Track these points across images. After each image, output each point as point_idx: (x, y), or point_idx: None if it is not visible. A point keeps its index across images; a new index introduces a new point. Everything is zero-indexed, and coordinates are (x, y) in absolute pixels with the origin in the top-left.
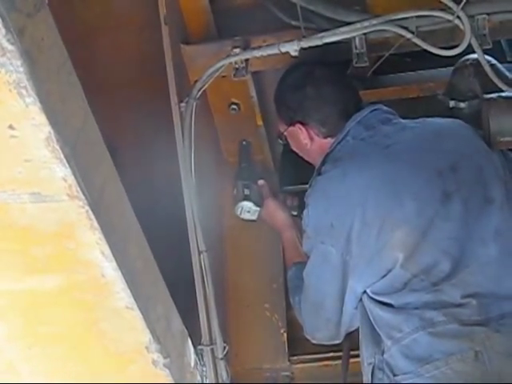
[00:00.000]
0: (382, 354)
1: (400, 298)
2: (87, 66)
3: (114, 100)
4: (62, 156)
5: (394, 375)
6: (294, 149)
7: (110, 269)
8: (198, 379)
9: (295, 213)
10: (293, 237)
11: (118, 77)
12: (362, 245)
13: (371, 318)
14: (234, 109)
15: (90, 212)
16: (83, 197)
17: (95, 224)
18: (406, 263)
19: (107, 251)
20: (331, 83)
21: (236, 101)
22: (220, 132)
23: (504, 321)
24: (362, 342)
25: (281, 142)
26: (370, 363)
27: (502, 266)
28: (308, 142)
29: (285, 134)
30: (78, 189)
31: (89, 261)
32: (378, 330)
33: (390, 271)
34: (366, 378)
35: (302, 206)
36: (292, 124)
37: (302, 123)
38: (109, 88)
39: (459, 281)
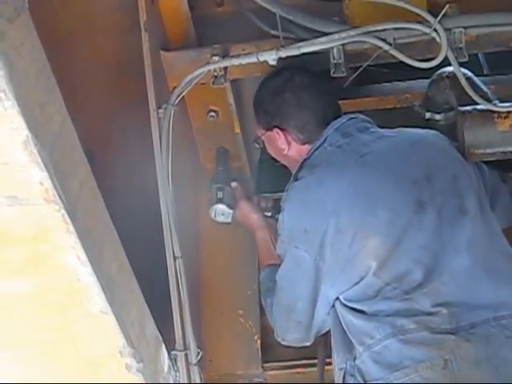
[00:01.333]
0: (354, 360)
1: (372, 305)
2: (66, 69)
3: (91, 104)
4: (39, 160)
5: (365, 381)
6: (271, 153)
7: (85, 273)
8: None
9: (269, 214)
10: (266, 237)
11: (96, 81)
12: (336, 252)
13: (343, 325)
14: (212, 116)
15: (66, 216)
16: (59, 201)
17: (71, 228)
18: (379, 271)
19: (83, 255)
20: (311, 90)
21: (214, 108)
22: (198, 139)
23: (474, 330)
24: (333, 347)
25: (257, 145)
26: (342, 369)
27: (474, 276)
28: (286, 147)
29: (262, 138)
30: (55, 193)
31: (64, 265)
32: (350, 336)
33: (362, 279)
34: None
35: (275, 208)
36: (270, 129)
37: (280, 128)
38: (87, 92)
39: (431, 290)
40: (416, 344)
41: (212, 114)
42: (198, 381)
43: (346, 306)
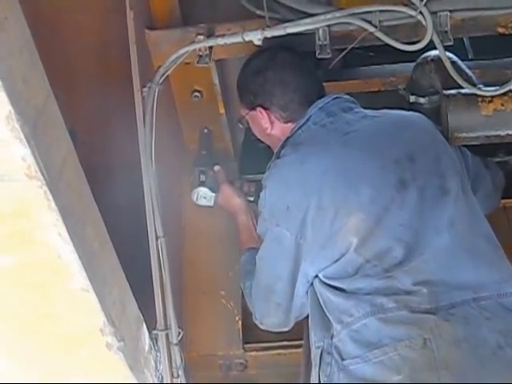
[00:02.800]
0: (331, 338)
1: (352, 282)
2: (49, 47)
3: (75, 83)
4: (21, 135)
5: (342, 359)
6: (255, 133)
7: (66, 250)
8: (152, 364)
9: (251, 198)
10: (247, 221)
11: (80, 60)
12: (317, 229)
13: (321, 302)
14: (196, 96)
15: (48, 193)
16: (42, 177)
17: (53, 205)
18: (360, 248)
19: (64, 233)
20: (293, 68)
21: (199, 88)
22: (182, 119)
23: (453, 310)
24: (311, 326)
25: (241, 126)
26: (319, 347)
27: (454, 256)
28: (269, 126)
29: (246, 118)
30: (37, 169)
31: (45, 242)
32: (327, 314)
33: (343, 255)
34: (314, 361)
35: (258, 192)
36: (253, 108)
37: (263, 107)
38: (70, 71)
39: (411, 268)
40: (395, 323)
41: (196, 94)
42: (178, 361)
43: (325, 283)
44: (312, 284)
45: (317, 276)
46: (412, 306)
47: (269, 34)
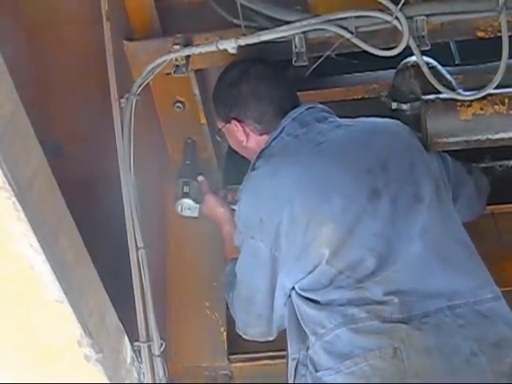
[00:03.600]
0: (307, 350)
1: (326, 294)
2: (30, 59)
3: (58, 96)
4: None
5: (316, 371)
6: (232, 145)
7: (38, 261)
8: (135, 376)
9: (235, 207)
10: (232, 231)
11: (62, 72)
12: (291, 240)
13: (298, 315)
14: (178, 107)
15: (17, 203)
16: (9, 188)
17: (22, 216)
18: (332, 259)
19: (35, 243)
20: (267, 81)
21: (181, 99)
22: (165, 130)
23: (427, 319)
24: (288, 338)
25: (219, 138)
26: (294, 358)
27: (427, 265)
28: (244, 138)
29: (222, 130)
30: (5, 180)
31: (17, 253)
32: (303, 326)
33: (316, 267)
34: (290, 373)
35: None
36: (228, 121)
37: (237, 120)
38: (53, 83)
39: (383, 278)
40: (366, 333)
41: (178, 104)
42: (161, 373)
43: (300, 295)
44: (289, 296)
45: (293, 288)
46: (383, 315)
47: (243, 42)
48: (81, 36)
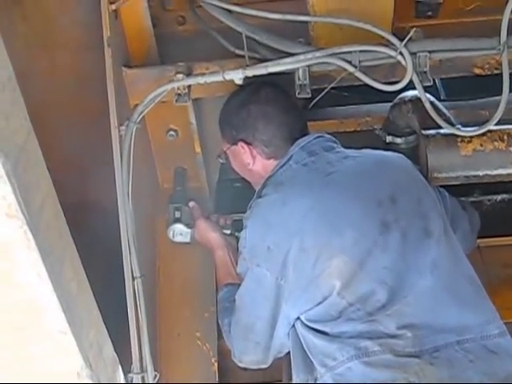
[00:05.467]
0: (315, 381)
1: (335, 326)
2: (24, 84)
3: (49, 121)
4: (2, 173)
5: None
6: (235, 168)
7: (45, 291)
8: None
9: (228, 232)
10: (225, 256)
11: (54, 97)
12: (299, 271)
13: (304, 345)
14: (171, 135)
15: (28, 232)
16: (22, 216)
17: (32, 244)
18: (343, 291)
19: (43, 273)
20: (277, 104)
21: (174, 127)
22: (156, 158)
23: (437, 354)
24: (293, 368)
25: (221, 160)
26: None
27: (437, 299)
28: (250, 161)
29: (226, 152)
30: (18, 208)
31: (24, 282)
32: (310, 357)
33: (326, 299)
34: None
35: (234, 225)
36: (235, 142)
37: (245, 142)
38: (45, 108)
39: (395, 312)
40: (380, 366)
41: (171, 133)
42: None
43: (307, 326)
44: (294, 326)
45: (298, 318)
46: (396, 349)
47: (250, 72)
48: (75, 62)
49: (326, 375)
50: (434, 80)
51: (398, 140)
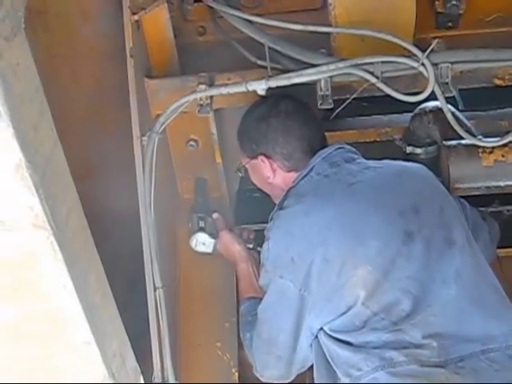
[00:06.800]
0: None
1: (360, 336)
2: (47, 95)
3: (71, 131)
4: (30, 184)
5: None
6: (254, 181)
7: (70, 302)
8: None
9: (251, 246)
10: (248, 269)
11: (76, 107)
12: (323, 282)
13: (328, 356)
14: (192, 145)
15: (55, 243)
16: (49, 227)
17: (59, 255)
18: (367, 301)
19: (69, 284)
20: (297, 117)
21: (195, 137)
22: (176, 168)
23: (463, 363)
24: (316, 378)
25: (240, 174)
26: None
27: (462, 308)
28: (271, 174)
29: (246, 166)
30: (45, 218)
31: (49, 293)
32: (334, 367)
33: (350, 308)
34: None
35: (257, 240)
36: (255, 156)
37: (265, 155)
38: (66, 118)
39: (419, 321)
40: (406, 377)
41: (192, 143)
42: None
43: (331, 336)
44: (316, 336)
45: (322, 329)
46: (422, 359)
47: (273, 83)
48: (96, 72)
49: None
50: None
51: (418, 150)
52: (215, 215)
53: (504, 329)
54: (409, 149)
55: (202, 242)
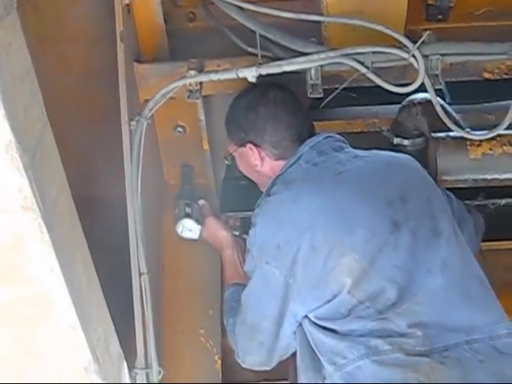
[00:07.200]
0: (323, 380)
1: (345, 324)
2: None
3: (58, 114)
4: (20, 165)
5: None
6: (242, 169)
7: (57, 285)
8: None
9: (237, 233)
10: (233, 256)
11: (63, 90)
12: (309, 269)
13: (312, 343)
14: (179, 131)
15: (43, 225)
16: (37, 209)
17: (46, 237)
18: (353, 289)
19: (56, 267)
20: (285, 105)
21: (182, 123)
22: (163, 154)
23: (447, 353)
24: (300, 367)
25: (227, 161)
26: None
27: (447, 298)
28: (259, 162)
29: (233, 154)
30: (33, 200)
31: (36, 276)
32: (319, 355)
33: (336, 296)
34: None
35: (243, 227)
36: (243, 144)
37: (253, 144)
38: (54, 102)
39: (405, 310)
40: (390, 366)
41: (179, 129)
42: None
43: (316, 324)
44: (301, 324)
45: (306, 316)
46: (406, 348)
47: (264, 71)
48: (84, 55)
49: (335, 374)
50: None
51: (406, 142)
52: (201, 202)
53: (488, 320)
54: (396, 140)
55: (189, 229)
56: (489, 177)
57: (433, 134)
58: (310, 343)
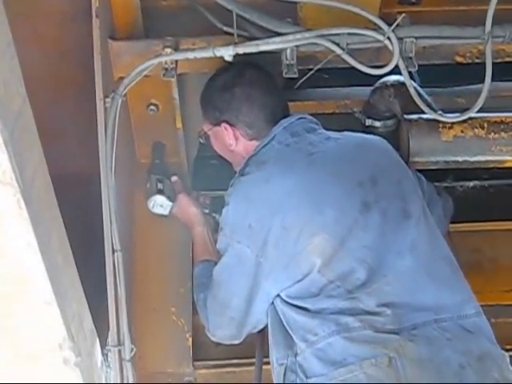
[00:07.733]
0: (295, 357)
1: (316, 303)
2: None
3: (30, 91)
4: (0, 140)
5: (307, 377)
6: (216, 148)
7: (33, 261)
8: (103, 381)
9: (207, 211)
10: (203, 233)
11: (36, 67)
12: (280, 249)
13: (284, 321)
14: (152, 109)
15: (21, 200)
16: (16, 184)
17: (25, 213)
18: (323, 269)
19: (33, 243)
20: (261, 86)
21: (155, 102)
22: (135, 132)
23: (416, 331)
24: (272, 344)
25: (201, 140)
26: (282, 364)
27: (417, 279)
28: (233, 142)
29: (208, 133)
30: (13, 176)
31: (13, 252)
32: (290, 332)
33: (306, 276)
34: (278, 378)
35: (213, 205)
36: (218, 124)
37: (228, 123)
38: (26, 79)
39: (374, 290)
40: (360, 342)
41: (152, 107)
42: (130, 377)
43: (287, 302)
44: (273, 303)
45: (278, 295)
46: (376, 326)
47: (241, 50)
48: (57, 32)
49: (307, 350)
50: None
51: (377, 123)
52: (174, 178)
53: (456, 299)
54: (368, 121)
55: (160, 205)
56: (460, 159)
57: (405, 116)
58: (281, 321)
